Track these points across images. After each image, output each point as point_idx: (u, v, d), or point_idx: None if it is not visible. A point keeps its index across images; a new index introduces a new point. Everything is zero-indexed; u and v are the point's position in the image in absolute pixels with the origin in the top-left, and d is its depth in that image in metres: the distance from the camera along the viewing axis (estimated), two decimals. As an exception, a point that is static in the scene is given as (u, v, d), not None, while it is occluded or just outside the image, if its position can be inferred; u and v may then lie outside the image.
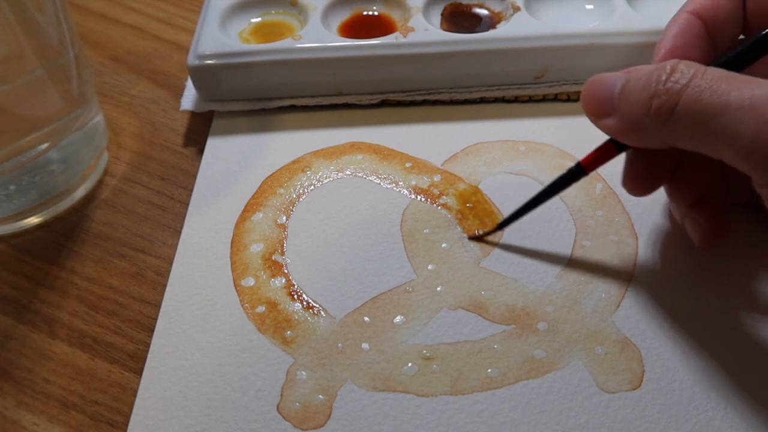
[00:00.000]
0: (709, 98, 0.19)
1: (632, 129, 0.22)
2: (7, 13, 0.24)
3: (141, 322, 0.26)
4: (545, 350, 0.24)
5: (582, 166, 0.25)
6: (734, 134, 0.19)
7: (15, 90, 0.26)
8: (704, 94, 0.19)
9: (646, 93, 0.21)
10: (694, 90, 0.20)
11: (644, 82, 0.21)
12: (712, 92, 0.19)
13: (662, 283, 0.26)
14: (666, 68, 0.21)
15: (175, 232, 0.29)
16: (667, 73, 0.21)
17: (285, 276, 0.27)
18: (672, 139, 0.21)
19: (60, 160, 0.30)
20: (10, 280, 0.27)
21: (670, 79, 0.20)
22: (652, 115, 0.21)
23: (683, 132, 0.20)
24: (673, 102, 0.20)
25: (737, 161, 0.19)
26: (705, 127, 0.20)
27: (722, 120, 0.19)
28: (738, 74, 0.20)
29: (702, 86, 0.20)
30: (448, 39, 0.33)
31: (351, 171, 0.31)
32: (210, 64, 0.32)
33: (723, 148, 0.20)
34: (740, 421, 0.22)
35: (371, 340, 0.25)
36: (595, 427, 0.22)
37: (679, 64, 0.21)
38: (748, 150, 0.19)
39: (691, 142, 0.21)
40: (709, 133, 0.20)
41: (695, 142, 0.20)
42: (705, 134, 0.20)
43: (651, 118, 0.21)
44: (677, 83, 0.20)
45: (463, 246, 0.28)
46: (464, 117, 0.34)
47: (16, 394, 0.24)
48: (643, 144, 0.22)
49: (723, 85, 0.19)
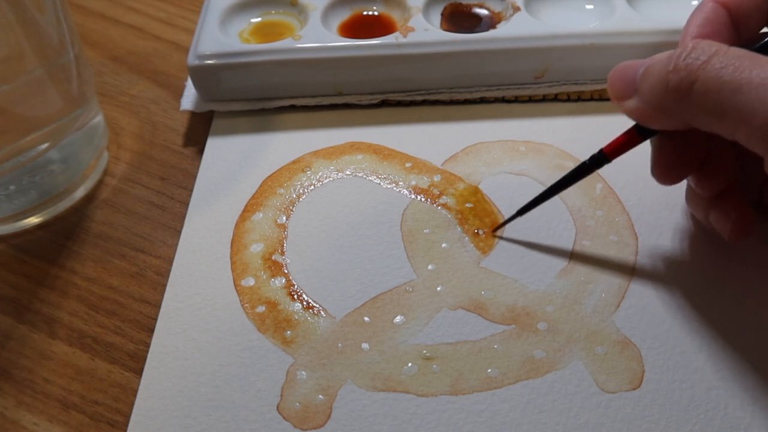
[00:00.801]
0: (729, 75, 0.19)
1: (653, 108, 0.22)
2: (7, 13, 0.24)
3: (141, 322, 0.26)
4: (545, 350, 0.24)
5: (605, 154, 0.25)
6: (751, 113, 0.18)
7: (15, 90, 0.26)
8: (725, 70, 0.19)
9: (666, 70, 0.21)
10: (714, 66, 0.19)
11: (665, 61, 0.21)
12: (733, 69, 0.19)
13: (662, 283, 0.26)
14: (687, 46, 0.21)
15: (175, 232, 0.29)
16: (687, 51, 0.20)
17: (285, 276, 0.27)
18: (690, 116, 0.21)
19: (60, 160, 0.30)
20: (10, 280, 0.27)
21: (690, 56, 0.20)
22: (671, 90, 0.20)
23: (701, 109, 0.20)
24: (692, 78, 0.20)
25: (752, 141, 0.19)
26: (723, 104, 0.19)
27: (740, 97, 0.19)
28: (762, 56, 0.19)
29: (723, 63, 0.19)
30: (448, 39, 0.33)
31: (351, 171, 0.31)
32: (210, 64, 0.32)
33: (739, 127, 0.19)
34: (740, 420, 0.22)
35: (371, 340, 0.25)
36: (595, 427, 0.22)
37: (701, 43, 0.20)
38: (762, 130, 0.18)
39: (708, 120, 0.20)
40: (727, 111, 0.19)
41: (712, 121, 0.20)
42: (722, 112, 0.19)
43: (670, 95, 0.21)
44: (697, 59, 0.20)
45: (463, 246, 0.28)
46: (464, 117, 0.34)
47: (16, 394, 0.24)
48: (663, 125, 0.22)
49: (745, 63, 0.19)
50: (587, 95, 0.34)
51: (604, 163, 0.25)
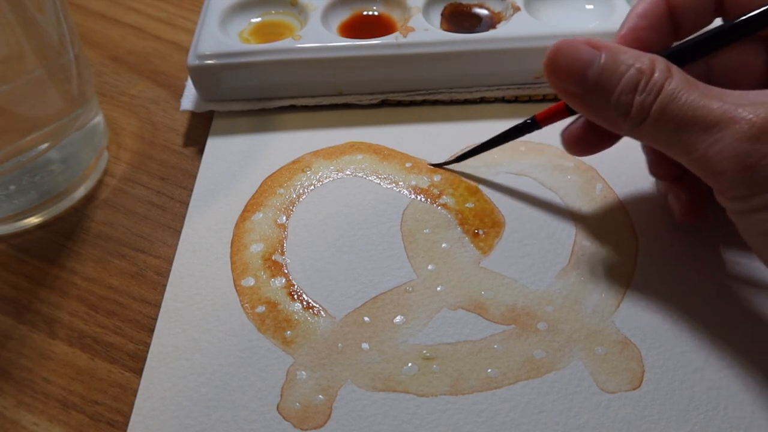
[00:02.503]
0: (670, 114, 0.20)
1: (598, 117, 0.23)
2: (7, 13, 0.24)
3: (141, 322, 0.26)
4: (545, 350, 0.24)
5: (536, 120, 0.27)
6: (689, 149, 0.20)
7: (15, 90, 0.26)
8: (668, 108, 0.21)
9: (624, 99, 0.21)
10: (661, 103, 0.21)
11: (624, 84, 0.21)
12: (674, 107, 0.20)
13: (662, 282, 0.26)
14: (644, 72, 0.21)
15: (175, 232, 0.29)
16: (646, 78, 0.21)
17: (285, 276, 0.27)
18: (635, 137, 0.22)
19: (60, 160, 0.30)
20: (10, 280, 0.27)
21: (646, 89, 0.21)
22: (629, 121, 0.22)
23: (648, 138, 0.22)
24: (644, 114, 0.21)
25: (693, 170, 0.21)
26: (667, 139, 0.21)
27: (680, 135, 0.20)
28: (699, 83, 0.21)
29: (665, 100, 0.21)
30: (448, 39, 0.33)
31: (351, 171, 0.31)
32: (210, 64, 0.32)
33: (680, 158, 0.21)
34: (740, 420, 0.22)
35: (371, 340, 0.25)
36: (595, 427, 0.22)
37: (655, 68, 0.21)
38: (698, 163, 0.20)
39: (655, 145, 0.22)
40: (670, 144, 0.21)
41: (658, 147, 0.22)
42: (667, 144, 0.21)
43: (623, 120, 0.22)
44: (649, 94, 0.21)
45: (463, 246, 0.28)
46: (464, 117, 0.34)
47: (16, 394, 0.24)
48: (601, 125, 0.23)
49: (683, 98, 0.20)
50: (587, 95, 0.34)
51: (535, 128, 0.27)
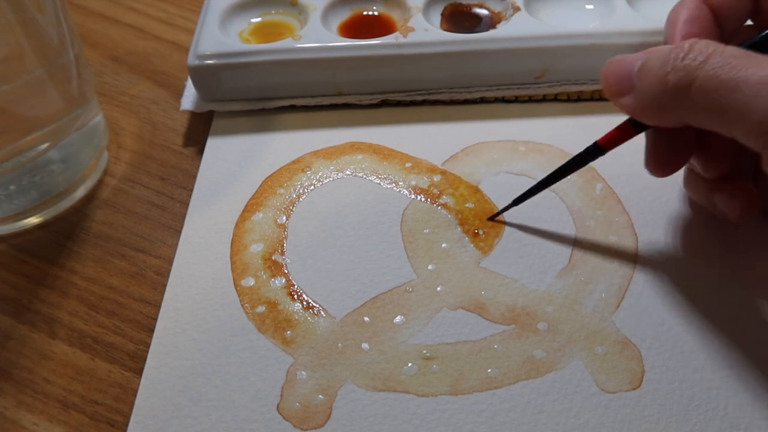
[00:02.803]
0: (726, 73, 0.19)
1: (650, 106, 0.22)
2: (7, 13, 0.24)
3: (141, 322, 0.26)
4: (545, 350, 0.24)
5: (599, 146, 0.25)
6: (748, 110, 0.19)
7: (15, 90, 0.26)
8: (722, 69, 0.19)
9: (664, 70, 0.21)
10: (712, 65, 0.20)
11: (662, 59, 0.21)
12: (730, 68, 0.19)
13: (662, 283, 0.26)
14: (684, 46, 0.21)
15: (175, 232, 0.29)
16: (685, 51, 0.21)
17: (285, 276, 0.27)
18: (688, 116, 0.21)
19: (60, 160, 0.30)
20: (10, 280, 0.27)
21: (688, 56, 0.20)
22: (670, 90, 0.21)
23: (699, 108, 0.20)
24: (690, 78, 0.20)
25: (749, 138, 0.19)
26: (720, 103, 0.19)
27: (738, 95, 0.19)
28: (757, 54, 0.20)
29: (720, 63, 0.20)
30: (448, 39, 0.33)
31: (351, 171, 0.31)
32: (210, 64, 0.32)
33: (737, 124, 0.19)
34: (740, 421, 0.22)
35: (371, 340, 0.25)
36: (595, 427, 0.22)
37: (698, 43, 0.21)
38: (759, 127, 0.19)
39: (707, 119, 0.21)
40: (724, 109, 0.19)
41: (711, 119, 0.20)
42: (720, 110, 0.20)
43: (668, 94, 0.21)
44: (695, 60, 0.20)
45: (463, 246, 0.28)
46: (464, 117, 0.34)
47: (16, 394, 0.24)
48: (660, 122, 0.23)
49: (742, 62, 0.19)
50: (587, 95, 0.34)
51: (599, 155, 0.25)
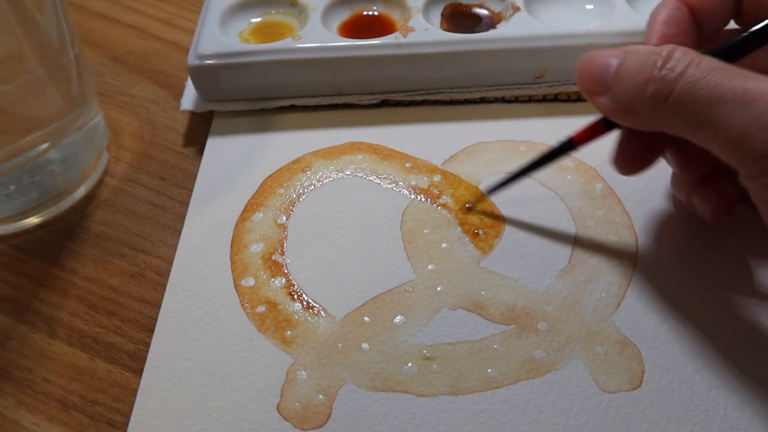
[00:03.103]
0: (702, 89, 0.20)
1: (626, 111, 0.22)
2: (7, 13, 0.24)
3: (141, 322, 0.26)
4: (545, 350, 0.24)
5: (573, 141, 0.26)
6: (723, 126, 0.19)
7: (15, 90, 0.26)
8: (698, 84, 0.20)
9: (641, 77, 0.21)
10: (689, 79, 0.20)
11: (640, 66, 0.21)
12: (706, 83, 0.20)
13: (662, 283, 0.26)
14: (662, 54, 0.21)
15: (175, 232, 0.29)
16: (663, 59, 0.21)
17: (285, 276, 0.27)
18: (664, 125, 0.21)
19: (60, 160, 0.30)
20: (10, 280, 0.27)
21: (665, 66, 0.21)
22: (647, 100, 0.21)
23: (675, 120, 0.21)
24: (667, 90, 0.20)
25: (724, 153, 0.20)
26: (696, 117, 0.20)
27: (713, 111, 0.19)
28: (733, 66, 0.20)
29: (696, 76, 0.20)
30: (448, 39, 0.33)
31: (351, 171, 0.31)
32: (210, 64, 0.32)
33: (712, 139, 0.20)
34: (740, 421, 0.22)
35: (371, 340, 0.25)
36: (595, 427, 0.22)
37: (675, 51, 0.21)
38: (735, 143, 0.19)
39: (683, 131, 0.21)
40: (700, 123, 0.20)
41: (686, 131, 0.21)
42: (696, 124, 0.20)
43: (645, 103, 0.21)
44: (672, 71, 0.20)
45: (463, 246, 0.28)
46: (464, 117, 0.34)
47: (16, 394, 0.24)
48: (635, 126, 0.23)
49: (717, 76, 0.20)
50: (587, 95, 0.34)
51: (572, 149, 0.26)
